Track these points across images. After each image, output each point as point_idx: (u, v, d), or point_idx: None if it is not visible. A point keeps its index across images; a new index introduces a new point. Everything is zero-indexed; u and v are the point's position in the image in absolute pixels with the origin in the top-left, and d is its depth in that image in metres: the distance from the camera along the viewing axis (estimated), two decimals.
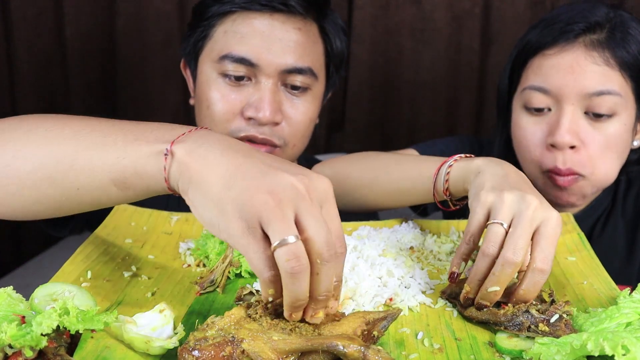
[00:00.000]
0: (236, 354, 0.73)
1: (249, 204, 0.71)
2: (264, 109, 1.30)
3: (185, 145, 0.78)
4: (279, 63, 1.31)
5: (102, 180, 0.83)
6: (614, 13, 1.32)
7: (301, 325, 0.77)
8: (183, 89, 2.22)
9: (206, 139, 0.79)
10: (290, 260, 0.69)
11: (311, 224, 0.71)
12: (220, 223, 0.73)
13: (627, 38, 1.29)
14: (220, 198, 0.72)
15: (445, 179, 1.05)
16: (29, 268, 1.92)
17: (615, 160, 1.34)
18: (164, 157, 0.79)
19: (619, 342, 0.68)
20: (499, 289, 0.86)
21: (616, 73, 1.28)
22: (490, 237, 0.88)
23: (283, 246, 0.69)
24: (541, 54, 1.33)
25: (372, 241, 1.07)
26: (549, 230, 0.87)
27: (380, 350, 0.72)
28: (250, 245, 0.71)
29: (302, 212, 0.71)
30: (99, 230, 1.12)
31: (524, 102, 1.35)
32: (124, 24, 2.16)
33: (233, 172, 0.73)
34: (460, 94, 2.23)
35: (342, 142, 2.29)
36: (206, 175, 0.74)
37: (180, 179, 0.77)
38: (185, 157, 0.77)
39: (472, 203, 0.94)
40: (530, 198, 0.88)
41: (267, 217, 0.70)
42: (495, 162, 1.00)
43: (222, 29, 1.34)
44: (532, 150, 1.35)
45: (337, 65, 1.45)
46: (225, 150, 0.76)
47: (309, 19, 1.36)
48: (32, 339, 0.69)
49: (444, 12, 2.15)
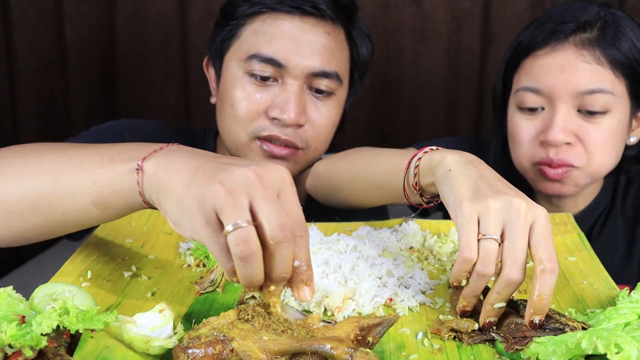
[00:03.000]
0: (226, 353, 0.74)
1: (204, 197, 0.74)
2: (290, 110, 1.30)
3: (154, 160, 0.83)
4: (306, 65, 1.31)
5: (83, 204, 0.89)
6: (606, 12, 1.32)
7: (294, 327, 0.77)
8: (183, 89, 2.23)
9: (174, 153, 0.83)
10: (239, 244, 0.72)
11: (263, 208, 0.74)
12: (184, 220, 0.77)
13: (618, 36, 1.29)
14: (181, 197, 0.77)
15: (414, 173, 1.01)
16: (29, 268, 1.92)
17: (611, 153, 1.34)
18: (136, 173, 0.84)
19: (612, 340, 0.68)
20: (504, 304, 0.83)
21: (607, 71, 1.28)
22: (485, 256, 0.82)
23: (233, 231, 0.72)
24: (533, 54, 1.33)
25: (372, 241, 1.07)
26: (543, 228, 0.83)
27: (368, 353, 0.72)
28: (211, 237, 0.74)
29: (255, 198, 0.74)
30: (99, 230, 1.12)
31: (518, 102, 1.35)
32: (124, 24, 2.17)
33: (193, 174, 0.78)
34: (460, 93, 2.23)
35: (342, 142, 2.28)
36: (171, 181, 0.79)
37: (152, 191, 0.82)
38: (154, 170, 0.82)
39: (455, 216, 0.87)
40: (517, 202, 0.84)
41: (220, 206, 0.73)
42: (465, 159, 0.93)
43: (251, 28, 1.34)
44: (526, 145, 1.36)
45: (361, 72, 1.45)
46: (189, 158, 0.81)
47: (338, 24, 1.36)
48: (32, 339, 0.69)
49: (444, 12, 2.15)
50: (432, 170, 0.96)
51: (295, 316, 0.81)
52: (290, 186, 0.78)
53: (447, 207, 0.90)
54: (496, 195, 0.85)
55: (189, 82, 2.21)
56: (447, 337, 0.83)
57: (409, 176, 1.02)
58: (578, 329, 0.79)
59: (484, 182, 0.88)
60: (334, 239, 1.06)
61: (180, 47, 2.17)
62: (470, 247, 0.83)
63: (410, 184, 1.02)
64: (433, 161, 0.96)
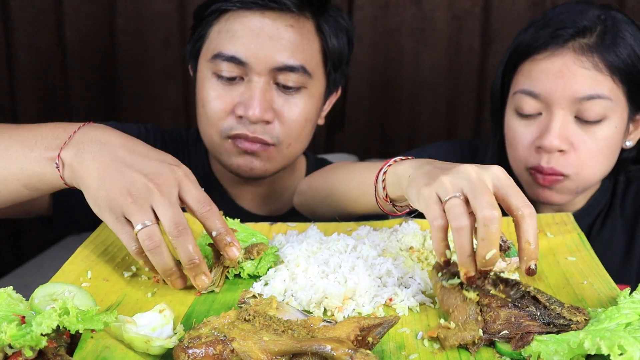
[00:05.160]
0: (226, 353, 0.74)
1: (113, 202, 0.93)
2: (254, 107, 1.30)
3: (69, 151, 0.98)
4: (268, 61, 1.30)
5: (16, 187, 1.04)
6: (606, 15, 1.31)
7: (294, 327, 0.77)
8: (183, 89, 2.23)
9: (84, 145, 0.98)
10: (146, 240, 0.91)
11: (160, 211, 0.92)
12: (99, 212, 0.95)
13: (617, 42, 1.28)
14: (96, 197, 0.95)
15: (382, 186, 1.04)
16: (29, 268, 1.92)
17: (603, 163, 1.34)
18: (56, 168, 0.99)
19: (615, 341, 0.68)
20: (495, 250, 0.82)
21: (606, 77, 1.28)
22: (453, 211, 0.84)
23: (141, 230, 0.91)
24: (531, 58, 1.33)
25: (371, 241, 1.07)
26: (505, 180, 0.86)
27: (368, 354, 0.72)
28: (119, 230, 0.94)
29: (154, 203, 0.92)
30: (99, 230, 1.12)
31: (516, 106, 1.35)
32: (124, 24, 2.16)
33: (101, 176, 0.94)
34: (460, 93, 2.23)
35: (342, 142, 2.28)
36: (85, 180, 0.96)
37: (73, 180, 0.99)
38: (71, 163, 0.97)
39: (419, 204, 0.91)
40: (466, 167, 0.87)
41: (128, 211, 0.92)
42: (423, 162, 0.97)
43: (216, 28, 1.35)
44: (521, 150, 1.36)
45: (335, 64, 1.42)
46: (96, 154, 0.96)
47: (304, 16, 1.35)
48: (32, 339, 0.69)
49: (444, 12, 2.15)
50: (398, 182, 0.99)
51: (296, 316, 0.81)
52: (185, 177, 0.96)
53: (413, 205, 0.93)
54: (447, 171, 0.89)
55: (189, 82, 2.20)
56: (449, 348, 0.81)
57: (378, 190, 1.06)
58: (582, 322, 0.79)
59: (436, 168, 0.92)
60: (333, 239, 1.06)
61: (180, 47, 2.17)
62: (436, 214, 0.86)
63: (380, 197, 1.06)
64: (397, 174, 1.00)
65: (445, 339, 0.81)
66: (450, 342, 0.80)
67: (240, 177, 1.42)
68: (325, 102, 1.46)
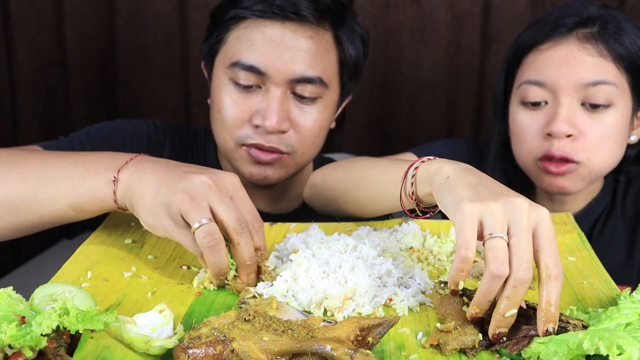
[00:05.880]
0: (226, 353, 0.74)
1: (171, 204, 0.92)
2: (271, 117, 1.30)
3: (127, 171, 1.00)
4: (287, 72, 1.30)
5: (62, 208, 1.04)
6: (605, 11, 1.34)
7: (294, 327, 0.77)
8: (183, 89, 2.23)
9: (141, 164, 1.00)
10: (206, 237, 0.90)
11: (221, 208, 0.92)
12: (158, 224, 0.95)
13: (619, 32, 1.30)
14: (152, 205, 0.95)
15: (411, 182, 0.98)
16: (29, 268, 1.92)
17: (613, 150, 1.34)
18: (112, 184, 1.00)
19: (614, 341, 0.68)
20: (515, 310, 0.79)
21: (610, 64, 1.29)
22: (496, 255, 0.78)
23: (199, 228, 0.90)
24: (535, 49, 1.34)
25: (371, 241, 1.07)
26: (547, 231, 0.81)
27: (368, 354, 0.72)
28: (181, 234, 0.93)
29: (213, 201, 0.92)
30: (99, 230, 1.12)
31: (521, 97, 1.36)
32: (124, 24, 2.16)
33: (159, 183, 0.95)
34: (460, 93, 2.23)
35: (342, 142, 2.28)
36: (142, 191, 0.97)
37: (126, 198, 1.00)
38: (128, 181, 0.99)
39: (454, 216, 0.84)
40: (520, 202, 0.82)
41: (185, 210, 0.91)
42: (464, 168, 0.91)
43: (235, 34, 1.34)
44: (529, 140, 1.35)
45: (351, 73, 1.42)
46: (154, 168, 0.98)
47: (323, 27, 1.34)
48: (32, 339, 0.69)
49: (444, 12, 2.15)
50: (430, 180, 0.94)
51: (296, 316, 0.81)
52: (241, 188, 0.98)
53: (445, 211, 0.88)
54: (497, 197, 0.83)
55: (189, 82, 2.20)
56: (450, 353, 0.80)
57: (406, 186, 1.01)
58: (579, 327, 0.79)
59: (484, 186, 0.86)
60: (334, 238, 1.06)
61: (180, 47, 2.17)
62: (468, 244, 0.80)
63: (407, 194, 1.00)
64: (430, 171, 0.95)
65: (445, 343, 0.80)
66: (450, 347, 0.80)
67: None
68: (338, 108, 1.46)
